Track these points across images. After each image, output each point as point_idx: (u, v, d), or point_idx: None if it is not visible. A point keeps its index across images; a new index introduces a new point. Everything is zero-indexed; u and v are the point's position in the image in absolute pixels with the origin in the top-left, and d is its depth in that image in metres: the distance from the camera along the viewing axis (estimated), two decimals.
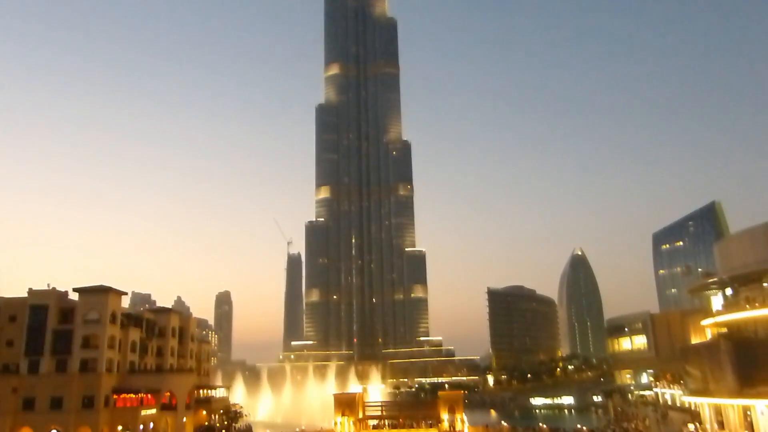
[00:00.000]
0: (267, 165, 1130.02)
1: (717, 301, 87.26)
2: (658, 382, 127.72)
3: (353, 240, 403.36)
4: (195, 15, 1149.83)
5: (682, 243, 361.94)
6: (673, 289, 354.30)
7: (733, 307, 78.82)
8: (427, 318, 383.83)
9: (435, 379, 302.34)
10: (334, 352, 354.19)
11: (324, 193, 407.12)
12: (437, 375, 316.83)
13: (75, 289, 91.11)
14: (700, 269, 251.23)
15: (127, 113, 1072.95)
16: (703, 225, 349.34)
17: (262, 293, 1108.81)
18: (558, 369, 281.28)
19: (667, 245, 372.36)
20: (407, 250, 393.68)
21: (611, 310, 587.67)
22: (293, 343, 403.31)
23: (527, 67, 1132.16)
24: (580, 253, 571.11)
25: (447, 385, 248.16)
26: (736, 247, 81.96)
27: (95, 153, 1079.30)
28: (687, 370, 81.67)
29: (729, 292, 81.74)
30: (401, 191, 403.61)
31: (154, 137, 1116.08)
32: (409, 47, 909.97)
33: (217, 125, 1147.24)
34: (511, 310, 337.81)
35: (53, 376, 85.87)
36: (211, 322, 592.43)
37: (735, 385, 64.84)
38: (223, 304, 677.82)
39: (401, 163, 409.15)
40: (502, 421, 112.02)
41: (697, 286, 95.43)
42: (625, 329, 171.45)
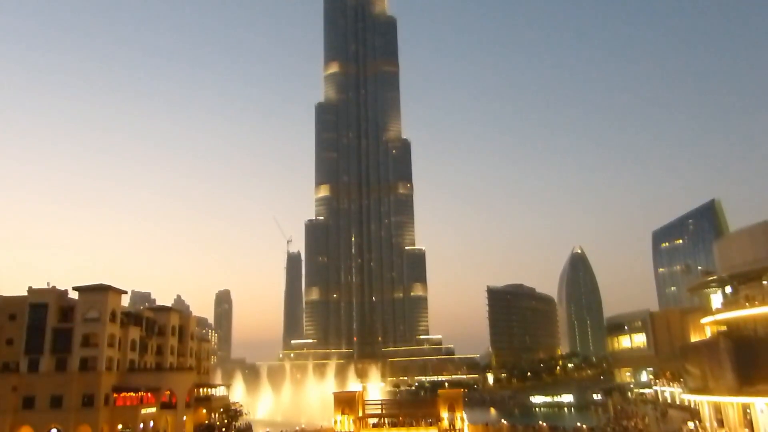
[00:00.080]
0: (267, 163, 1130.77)
1: (716, 299, 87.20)
2: (657, 380, 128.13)
3: (353, 238, 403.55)
4: (194, 14, 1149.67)
5: (681, 241, 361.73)
6: (672, 288, 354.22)
7: (732, 306, 78.77)
8: (427, 316, 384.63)
9: (435, 378, 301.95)
10: (334, 351, 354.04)
11: (324, 191, 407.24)
12: (437, 373, 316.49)
13: (75, 288, 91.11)
14: (699, 267, 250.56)
15: (127, 112, 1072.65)
16: (703, 223, 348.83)
17: (262, 292, 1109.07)
18: (558, 367, 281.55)
19: (667, 243, 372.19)
20: (407, 248, 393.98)
21: (611, 309, 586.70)
22: (293, 341, 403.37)
23: (527, 65, 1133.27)
24: (579, 251, 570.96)
25: (447, 384, 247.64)
26: (736, 245, 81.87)
27: (95, 152, 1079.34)
28: (686, 368, 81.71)
29: (728, 290, 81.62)
30: (401, 190, 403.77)
31: (153, 136, 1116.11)
32: (408, 46, 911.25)
33: (216, 124, 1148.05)
34: (511, 309, 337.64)
35: (53, 375, 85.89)
36: (210, 320, 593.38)
37: (734, 383, 64.84)
38: (223, 302, 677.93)
39: (401, 162, 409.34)
40: (502, 420, 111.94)
41: (697, 285, 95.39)
42: (625, 327, 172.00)
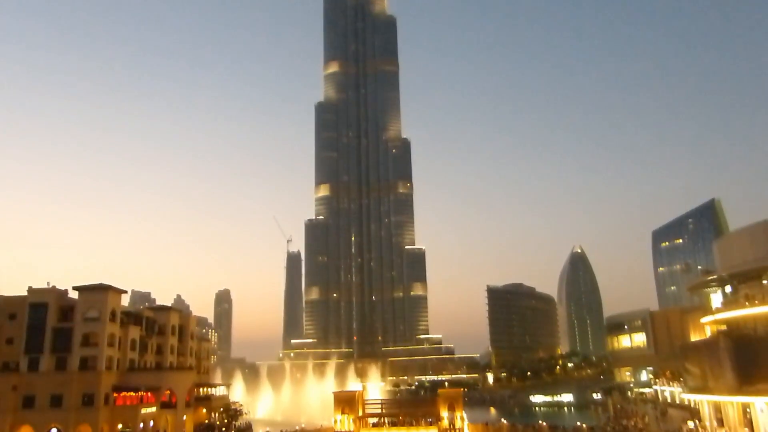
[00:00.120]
0: (266, 163, 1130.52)
1: (716, 298, 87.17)
2: (657, 380, 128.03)
3: (353, 238, 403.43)
4: (194, 14, 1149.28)
5: (681, 240, 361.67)
6: (672, 287, 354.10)
7: (732, 305, 78.74)
8: (427, 316, 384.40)
9: (435, 377, 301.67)
10: (334, 350, 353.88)
11: (323, 191, 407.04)
12: (437, 373, 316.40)
13: (75, 288, 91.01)
14: (699, 267, 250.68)
15: (127, 112, 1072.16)
16: (703, 222, 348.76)
17: (262, 291, 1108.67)
18: (557, 366, 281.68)
19: (667, 243, 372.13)
20: (407, 247, 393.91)
21: (611, 308, 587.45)
22: (293, 341, 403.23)
23: (527, 65, 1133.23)
24: (579, 250, 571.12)
25: (447, 383, 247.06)
26: (736, 245, 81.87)
27: (95, 152, 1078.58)
28: (686, 367, 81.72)
29: (728, 289, 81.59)
30: (401, 189, 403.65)
31: (153, 136, 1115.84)
32: (408, 45, 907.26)
33: (216, 123, 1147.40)
34: (511, 308, 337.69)
35: (53, 374, 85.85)
36: (210, 320, 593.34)
37: (734, 382, 64.82)
38: (223, 302, 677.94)
39: (401, 161, 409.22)
40: (502, 419, 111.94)
41: (697, 284, 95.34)
42: (625, 327, 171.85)
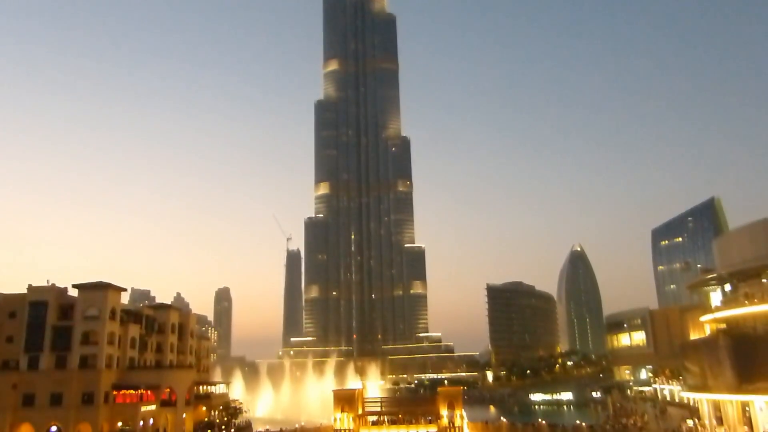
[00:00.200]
0: (266, 161, 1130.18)
1: (716, 297, 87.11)
2: (657, 378, 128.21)
3: (352, 236, 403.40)
4: (194, 13, 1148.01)
5: (681, 239, 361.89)
6: (672, 285, 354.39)
7: (732, 303, 78.70)
8: (426, 314, 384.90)
9: (434, 375, 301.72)
10: (334, 348, 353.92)
11: (323, 189, 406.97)
12: (436, 371, 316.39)
13: (74, 286, 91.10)
14: (699, 265, 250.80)
15: (127, 112, 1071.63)
16: (702, 221, 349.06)
17: (262, 289, 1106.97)
18: (557, 365, 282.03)
19: (666, 241, 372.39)
20: (406, 246, 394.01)
21: (610, 306, 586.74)
22: (292, 339, 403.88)
23: (527, 64, 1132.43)
24: (579, 249, 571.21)
25: (446, 381, 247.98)
26: (735, 243, 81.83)
27: (94, 151, 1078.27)
28: (686, 366, 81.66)
29: (728, 288, 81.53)
30: (400, 187, 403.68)
31: (152, 134, 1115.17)
32: (408, 43, 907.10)
33: (215, 122, 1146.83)
34: (510, 306, 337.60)
35: (53, 372, 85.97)
36: (210, 318, 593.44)
37: (734, 381, 64.81)
38: (223, 300, 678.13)
39: (400, 160, 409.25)
40: (502, 418, 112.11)
41: (696, 282, 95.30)
42: (624, 325, 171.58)
